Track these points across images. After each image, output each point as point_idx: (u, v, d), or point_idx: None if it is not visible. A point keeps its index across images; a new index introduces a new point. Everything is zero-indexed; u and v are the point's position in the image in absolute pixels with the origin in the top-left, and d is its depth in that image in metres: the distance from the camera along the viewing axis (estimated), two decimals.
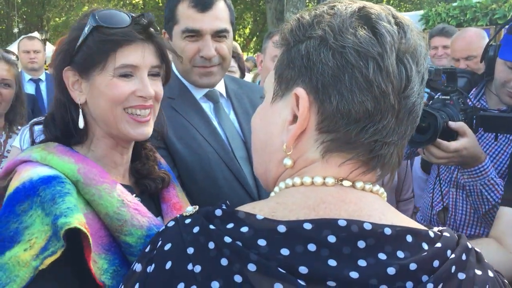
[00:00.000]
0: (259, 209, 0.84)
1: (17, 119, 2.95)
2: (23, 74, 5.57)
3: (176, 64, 2.04)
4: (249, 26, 25.08)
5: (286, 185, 0.88)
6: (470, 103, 2.19)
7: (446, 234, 0.86)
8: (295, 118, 0.86)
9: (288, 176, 0.90)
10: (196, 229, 0.81)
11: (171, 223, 0.87)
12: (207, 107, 2.06)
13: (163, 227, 0.88)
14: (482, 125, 2.05)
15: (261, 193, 2.02)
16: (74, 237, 1.13)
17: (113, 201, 1.24)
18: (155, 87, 1.35)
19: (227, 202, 0.88)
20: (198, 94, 2.05)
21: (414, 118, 0.87)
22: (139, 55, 1.30)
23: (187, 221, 0.84)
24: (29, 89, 5.39)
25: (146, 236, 1.24)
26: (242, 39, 24.31)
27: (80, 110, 1.33)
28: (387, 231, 0.80)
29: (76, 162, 1.27)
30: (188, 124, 1.93)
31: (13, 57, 3.21)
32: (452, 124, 1.94)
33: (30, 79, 5.57)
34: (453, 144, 1.93)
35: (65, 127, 1.34)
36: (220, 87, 2.13)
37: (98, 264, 1.18)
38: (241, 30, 24.28)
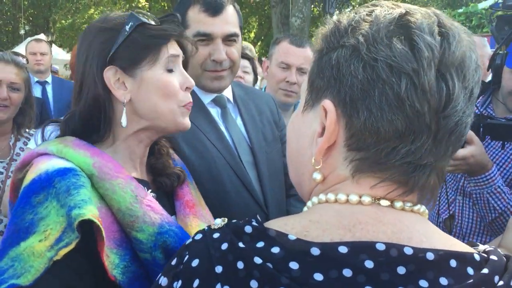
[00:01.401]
0: (291, 227, 0.79)
1: (25, 122, 2.93)
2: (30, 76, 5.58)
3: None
4: (254, 31, 25.11)
5: (319, 200, 0.83)
6: (477, 111, 2.20)
7: (493, 257, 0.79)
8: (324, 131, 0.81)
9: (321, 191, 0.84)
10: (224, 246, 0.77)
11: (199, 236, 0.83)
12: (214, 112, 2.07)
13: (190, 239, 0.84)
14: (489, 133, 2.05)
15: (267, 198, 2.03)
16: (88, 229, 1.14)
17: (126, 197, 1.24)
18: None
19: (258, 216, 0.83)
20: (206, 99, 2.06)
21: (458, 138, 0.79)
22: (178, 47, 1.39)
23: (215, 235, 0.80)
24: (36, 91, 5.35)
25: (157, 233, 1.24)
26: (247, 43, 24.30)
27: (124, 109, 1.34)
28: (429, 256, 0.74)
29: (91, 156, 1.28)
30: (196, 128, 1.94)
31: (23, 60, 3.20)
32: None
33: (37, 82, 5.55)
34: (460, 152, 1.93)
35: (89, 126, 1.35)
36: (228, 93, 2.14)
37: (110, 258, 1.18)
38: (246, 34, 24.29)
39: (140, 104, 1.34)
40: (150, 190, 1.37)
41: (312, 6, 14.50)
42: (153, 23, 1.35)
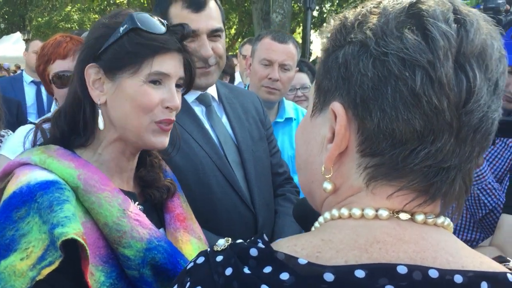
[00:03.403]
0: (301, 247, 0.72)
1: None
2: (24, 76, 5.42)
3: None
4: (235, 27, 25.04)
5: (332, 216, 0.76)
6: None
7: None
8: (334, 136, 0.75)
9: (334, 203, 0.78)
10: (228, 271, 0.70)
11: (201, 260, 0.76)
12: (199, 110, 2.02)
13: (192, 263, 0.78)
14: None
15: (254, 197, 2.00)
16: (72, 246, 1.07)
17: (113, 211, 1.18)
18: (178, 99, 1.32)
19: (265, 236, 0.76)
20: (190, 97, 2.00)
21: (485, 136, 0.71)
22: (174, 65, 1.29)
23: (219, 258, 0.73)
24: (30, 91, 5.23)
25: (145, 249, 1.18)
26: (227, 40, 24.25)
27: (100, 111, 1.27)
28: (458, 278, 0.66)
29: (76, 167, 1.21)
30: (180, 128, 1.88)
31: None
32: None
33: (32, 81, 5.36)
34: None
35: (74, 124, 1.29)
36: (212, 91, 2.10)
37: (95, 276, 1.12)
38: (227, 30, 24.16)
39: (113, 111, 1.28)
40: (137, 203, 1.30)
41: (293, 2, 14.48)
42: (151, 30, 1.25)
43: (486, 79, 0.69)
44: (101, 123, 1.27)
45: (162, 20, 1.30)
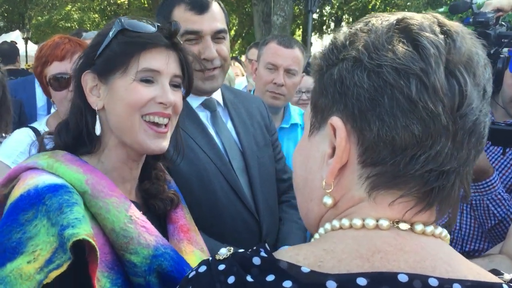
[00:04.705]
0: (303, 257, 0.73)
1: (1, 127, 2.77)
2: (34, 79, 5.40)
3: None
4: (235, 28, 25.03)
5: (333, 227, 0.78)
6: None
7: None
8: (334, 151, 0.77)
9: (333, 217, 0.79)
10: (231, 280, 0.71)
11: (203, 268, 0.77)
12: (204, 116, 1.99)
13: (194, 272, 0.78)
14: (490, 138, 1.99)
15: (258, 204, 1.98)
16: (79, 250, 1.06)
17: (120, 216, 1.17)
18: (175, 97, 1.30)
19: (266, 245, 0.77)
20: (195, 103, 1.98)
21: (479, 140, 0.74)
22: (163, 61, 1.27)
23: (221, 267, 0.74)
24: (41, 92, 5.16)
25: (152, 256, 1.17)
26: None
27: (97, 117, 1.28)
28: (456, 287, 0.69)
29: (84, 172, 1.20)
30: (185, 133, 1.85)
31: None
32: None
33: None
34: None
35: (78, 134, 1.29)
36: (217, 95, 2.07)
37: (101, 282, 1.11)
38: None
39: (109, 115, 1.28)
40: (141, 212, 1.29)
41: (294, 4, 14.47)
42: (137, 29, 1.26)
43: (476, 85, 0.72)
44: (98, 129, 1.27)
45: (153, 22, 1.30)
